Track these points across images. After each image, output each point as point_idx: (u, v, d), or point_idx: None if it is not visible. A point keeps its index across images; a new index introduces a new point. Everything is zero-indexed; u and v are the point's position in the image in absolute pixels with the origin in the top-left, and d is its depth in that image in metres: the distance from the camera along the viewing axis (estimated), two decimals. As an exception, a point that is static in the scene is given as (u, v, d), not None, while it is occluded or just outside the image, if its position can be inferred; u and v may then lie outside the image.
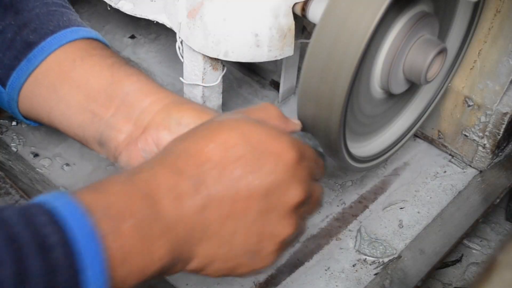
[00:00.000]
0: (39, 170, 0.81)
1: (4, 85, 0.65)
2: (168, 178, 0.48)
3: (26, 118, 0.69)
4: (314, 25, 0.65)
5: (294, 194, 0.51)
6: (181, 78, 0.74)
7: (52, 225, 0.42)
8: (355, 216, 0.81)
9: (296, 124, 0.59)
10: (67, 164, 0.82)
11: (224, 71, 0.73)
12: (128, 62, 0.66)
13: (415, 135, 0.89)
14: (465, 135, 0.84)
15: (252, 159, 0.50)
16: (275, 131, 0.52)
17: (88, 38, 0.67)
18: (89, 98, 0.63)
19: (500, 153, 0.86)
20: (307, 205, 0.54)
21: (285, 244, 0.54)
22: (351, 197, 0.83)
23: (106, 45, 0.69)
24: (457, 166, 0.87)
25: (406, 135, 0.80)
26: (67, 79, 0.64)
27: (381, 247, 0.77)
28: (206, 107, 0.62)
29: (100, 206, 0.45)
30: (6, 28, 0.66)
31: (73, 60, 0.64)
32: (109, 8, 0.76)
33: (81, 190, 0.46)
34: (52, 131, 0.84)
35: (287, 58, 0.79)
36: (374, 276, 0.74)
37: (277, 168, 0.50)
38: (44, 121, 0.67)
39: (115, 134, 0.62)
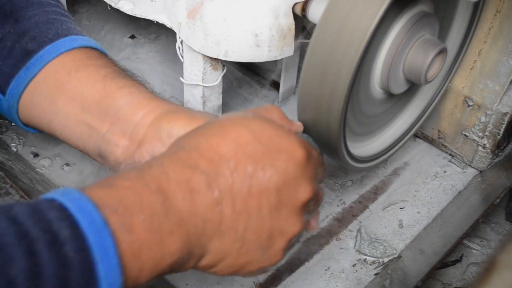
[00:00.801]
0: (39, 170, 0.81)
1: (4, 93, 0.66)
2: (179, 173, 0.48)
3: (26, 125, 0.69)
4: (314, 25, 0.65)
5: (304, 191, 0.52)
6: (181, 78, 0.74)
7: (62, 220, 0.42)
8: (355, 216, 0.81)
9: (298, 125, 0.60)
10: (67, 164, 0.82)
11: (224, 71, 0.73)
12: (122, 72, 0.66)
13: (415, 135, 0.89)
14: (465, 135, 0.84)
15: (263, 156, 0.50)
16: (284, 130, 0.53)
17: (86, 47, 0.67)
18: (84, 111, 0.63)
19: (500, 153, 0.86)
20: (311, 204, 0.55)
21: (292, 242, 0.55)
22: (351, 197, 0.83)
23: (103, 53, 0.69)
24: (457, 166, 0.87)
25: (406, 135, 0.80)
26: (63, 90, 0.64)
27: (381, 247, 0.77)
28: (197, 112, 0.62)
29: (110, 201, 0.44)
30: (6, 36, 0.65)
31: (69, 71, 0.64)
32: (109, 8, 0.76)
33: (90, 186, 0.46)
34: (52, 131, 0.84)
35: (287, 58, 0.79)
36: (374, 276, 0.74)
37: (288, 165, 0.51)
38: (45, 130, 0.67)
39: (112, 149, 0.62)
